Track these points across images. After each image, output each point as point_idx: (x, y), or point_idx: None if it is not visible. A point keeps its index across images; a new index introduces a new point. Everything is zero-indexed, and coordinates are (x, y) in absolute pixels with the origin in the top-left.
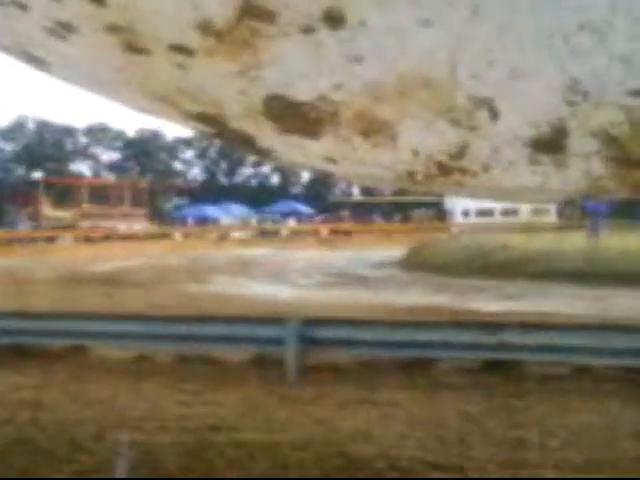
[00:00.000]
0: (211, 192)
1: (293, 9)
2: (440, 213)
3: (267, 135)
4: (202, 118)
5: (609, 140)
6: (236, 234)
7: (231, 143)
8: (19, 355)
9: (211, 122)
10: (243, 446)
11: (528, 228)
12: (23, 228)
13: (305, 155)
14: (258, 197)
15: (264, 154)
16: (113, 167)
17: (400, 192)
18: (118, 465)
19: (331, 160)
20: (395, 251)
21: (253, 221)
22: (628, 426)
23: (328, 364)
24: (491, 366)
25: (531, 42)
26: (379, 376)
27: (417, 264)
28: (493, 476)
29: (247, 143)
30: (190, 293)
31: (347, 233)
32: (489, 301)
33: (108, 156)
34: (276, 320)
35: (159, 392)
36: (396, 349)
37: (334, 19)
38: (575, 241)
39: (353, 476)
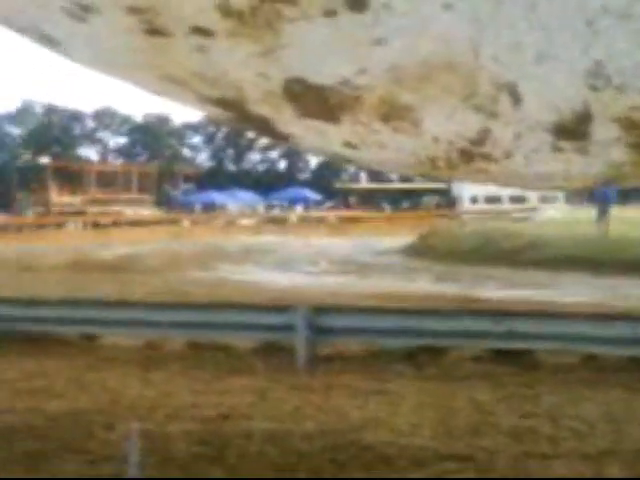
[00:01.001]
0: (219, 178)
1: None
2: (449, 200)
3: (286, 119)
4: (220, 102)
5: (630, 126)
6: (243, 221)
7: (249, 128)
8: (30, 343)
9: (229, 106)
10: (254, 435)
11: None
12: (32, 213)
13: (324, 140)
14: (266, 183)
15: (283, 139)
16: (121, 152)
17: (407, 178)
18: (129, 454)
19: (350, 145)
20: (403, 238)
21: (260, 207)
22: (639, 416)
23: (338, 353)
24: (501, 355)
25: (554, 25)
26: (389, 365)
27: (425, 251)
28: (504, 466)
29: (266, 127)
30: (199, 280)
31: (355, 220)
32: (498, 289)
33: (115, 141)
34: (285, 307)
35: (169, 380)
36: (406, 337)
37: (357, 2)
38: (584, 228)
39: (365, 465)
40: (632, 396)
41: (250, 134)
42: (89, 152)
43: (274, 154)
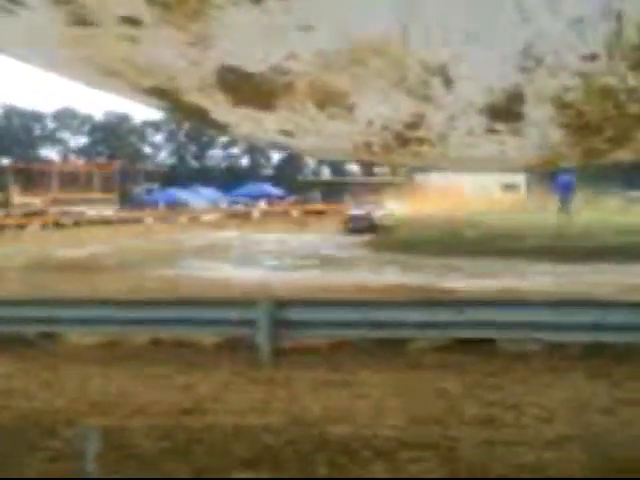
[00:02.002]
0: (181, 175)
1: None
2: None
3: (222, 108)
4: (155, 92)
5: (564, 106)
6: (207, 217)
7: (186, 117)
8: None
9: (164, 96)
10: (217, 429)
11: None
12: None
13: (261, 128)
14: (228, 180)
15: (220, 128)
16: (82, 152)
17: (370, 172)
18: (87, 451)
19: (288, 133)
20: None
21: (223, 204)
22: (598, 401)
23: (300, 346)
24: (464, 344)
25: (482, 7)
26: (352, 357)
27: (388, 244)
28: (468, 455)
29: (202, 117)
30: (163, 277)
31: (318, 214)
32: (461, 280)
33: (76, 141)
34: (248, 302)
35: (132, 377)
36: (369, 329)
37: None
38: (546, 216)
39: (330, 457)
40: (594, 382)
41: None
42: (50, 153)
43: (236, 150)
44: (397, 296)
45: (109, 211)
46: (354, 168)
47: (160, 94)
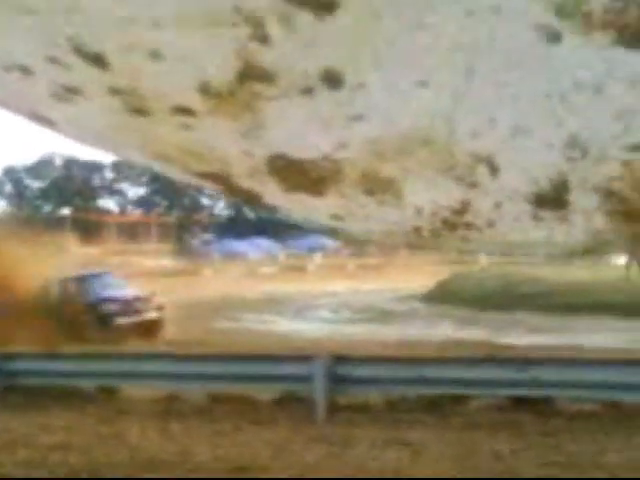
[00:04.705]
0: (238, 226)
1: (292, 71)
2: None
3: (273, 193)
4: (208, 177)
5: (609, 195)
6: (263, 269)
7: (239, 200)
8: (49, 397)
9: (217, 180)
10: None
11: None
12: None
13: (312, 212)
14: (285, 231)
15: (272, 211)
16: (140, 202)
17: None
18: None
19: (337, 217)
20: (422, 285)
21: (281, 256)
22: None
23: (357, 402)
24: (521, 403)
25: (528, 100)
26: (409, 414)
27: (445, 297)
28: None
29: (254, 200)
30: (220, 330)
31: (374, 268)
32: (520, 336)
33: (135, 191)
34: (304, 357)
35: (188, 433)
36: (426, 386)
37: (333, 80)
38: (609, 272)
39: None
40: None
41: None
42: (109, 203)
43: None
44: (453, 352)
45: (167, 262)
46: None
47: (213, 178)
